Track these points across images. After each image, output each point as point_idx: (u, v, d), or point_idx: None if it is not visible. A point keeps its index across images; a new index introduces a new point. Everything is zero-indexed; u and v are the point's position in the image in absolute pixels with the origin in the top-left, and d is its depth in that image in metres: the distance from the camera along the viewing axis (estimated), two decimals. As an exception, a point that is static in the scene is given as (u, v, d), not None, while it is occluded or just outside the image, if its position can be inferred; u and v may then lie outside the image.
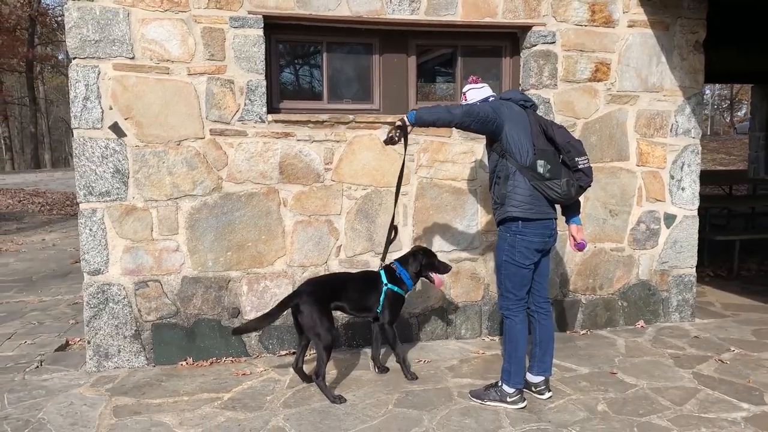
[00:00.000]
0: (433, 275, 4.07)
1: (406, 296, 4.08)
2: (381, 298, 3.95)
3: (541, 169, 3.40)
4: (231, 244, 4.33)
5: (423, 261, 4.04)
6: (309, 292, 3.75)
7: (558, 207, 3.59)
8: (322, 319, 3.68)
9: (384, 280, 3.98)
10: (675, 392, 3.78)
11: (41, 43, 28.66)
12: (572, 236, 3.67)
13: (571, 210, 3.65)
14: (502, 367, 3.64)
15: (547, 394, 3.72)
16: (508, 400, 3.59)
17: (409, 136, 4.42)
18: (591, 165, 3.46)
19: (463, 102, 3.71)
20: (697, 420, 3.41)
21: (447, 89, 5.10)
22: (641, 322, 5.09)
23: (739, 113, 42.21)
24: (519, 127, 3.44)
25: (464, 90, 3.75)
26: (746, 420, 3.41)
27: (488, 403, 3.63)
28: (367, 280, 4.02)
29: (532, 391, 3.73)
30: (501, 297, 3.65)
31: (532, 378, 3.73)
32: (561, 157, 3.43)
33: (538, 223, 3.46)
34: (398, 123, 3.59)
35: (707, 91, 44.10)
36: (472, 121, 3.40)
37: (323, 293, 3.77)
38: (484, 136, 3.64)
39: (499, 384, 3.64)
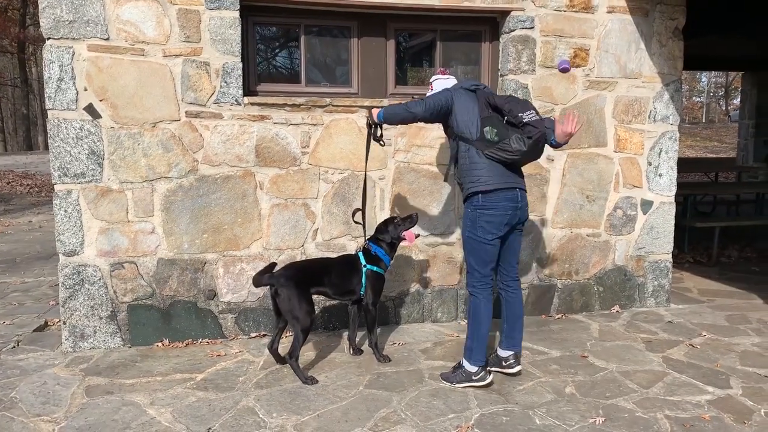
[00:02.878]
0: (404, 234, 4.07)
1: (385, 274, 4.10)
2: (362, 280, 3.97)
3: (488, 135, 3.45)
4: (207, 227, 4.35)
5: (390, 230, 4.05)
6: (288, 276, 3.77)
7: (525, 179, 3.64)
8: (301, 303, 3.71)
9: (363, 261, 4.00)
10: (643, 375, 3.83)
11: (33, 23, 28.39)
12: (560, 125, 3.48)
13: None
14: (465, 344, 3.71)
15: (516, 368, 3.77)
16: (474, 378, 3.64)
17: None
18: (541, 118, 3.44)
19: (430, 91, 3.81)
20: (662, 402, 3.47)
21: (426, 74, 5.09)
22: (617, 307, 5.14)
23: (734, 101, 42.19)
24: (466, 107, 3.53)
25: (431, 80, 3.85)
26: (710, 403, 3.46)
27: (457, 385, 3.68)
28: (347, 263, 4.03)
29: (502, 366, 3.78)
30: (467, 274, 3.70)
31: (501, 353, 3.81)
32: (506, 118, 3.47)
33: (500, 194, 3.49)
34: (368, 121, 3.82)
35: (704, 79, 44.12)
36: (431, 113, 3.56)
37: (303, 278, 3.80)
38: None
39: (462, 363, 3.70)
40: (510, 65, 4.70)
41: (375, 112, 3.77)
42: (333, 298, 4.11)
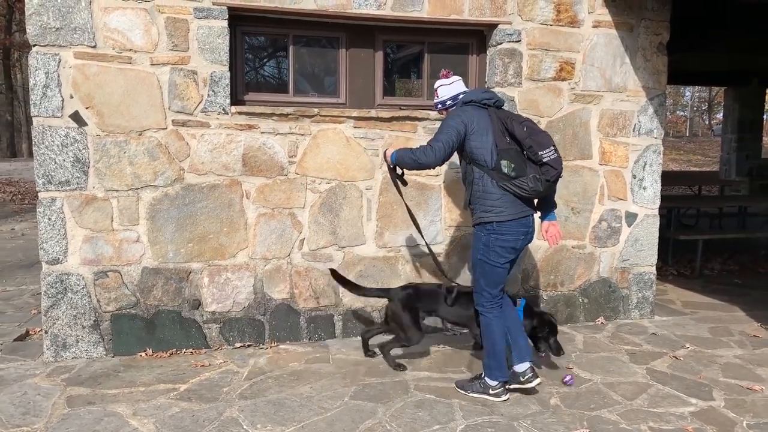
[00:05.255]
0: (543, 351, 4.00)
1: None
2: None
3: (505, 170, 3.43)
4: (192, 236, 4.32)
5: (544, 331, 3.94)
6: (402, 298, 4.08)
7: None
8: (410, 323, 4.02)
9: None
10: (627, 387, 3.85)
11: (19, 30, 28.19)
12: (545, 232, 3.68)
13: (545, 206, 3.67)
14: (483, 362, 3.70)
15: (535, 381, 3.64)
16: (491, 392, 3.64)
17: (374, 131, 4.51)
18: (559, 155, 3.41)
19: (435, 98, 3.76)
20: (645, 414, 3.48)
21: (414, 85, 5.13)
22: (601, 319, 5.17)
23: (717, 115, 42.82)
24: (480, 133, 3.48)
25: (435, 86, 3.77)
26: (693, 415, 3.49)
27: (472, 394, 3.69)
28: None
29: (521, 382, 3.65)
30: (476, 294, 3.70)
31: (516, 367, 3.68)
32: (525, 152, 3.46)
33: (514, 222, 3.49)
34: (387, 165, 3.88)
35: (687, 93, 44.71)
36: (446, 157, 3.53)
37: (415, 303, 4.07)
38: None
39: (482, 376, 3.70)
40: (497, 78, 4.74)
41: (388, 154, 3.77)
42: (447, 324, 4.22)
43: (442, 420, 3.39)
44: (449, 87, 3.71)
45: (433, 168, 3.61)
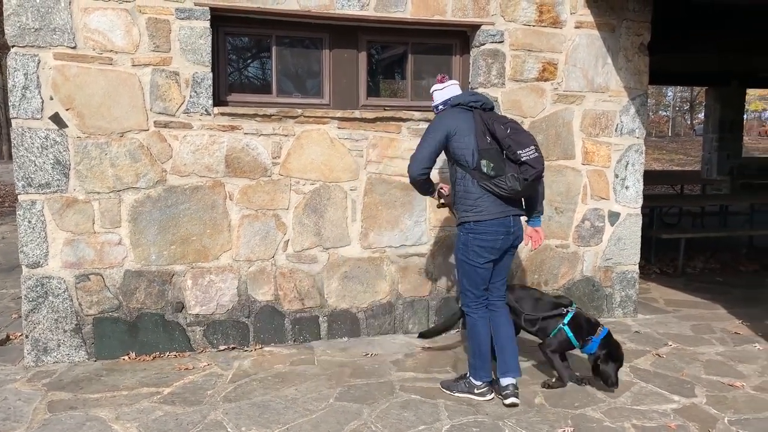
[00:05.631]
0: (592, 374, 3.80)
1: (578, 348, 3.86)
2: (554, 332, 3.84)
3: (485, 169, 3.44)
4: (175, 238, 4.29)
5: (601, 354, 3.74)
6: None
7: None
8: None
9: (565, 321, 3.83)
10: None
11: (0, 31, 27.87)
12: (528, 237, 3.72)
13: (530, 209, 3.67)
14: (468, 361, 3.72)
15: (510, 399, 3.55)
16: (476, 391, 3.65)
17: (358, 132, 4.51)
18: (540, 154, 3.40)
19: (432, 103, 3.78)
20: (629, 412, 3.51)
21: (398, 86, 5.13)
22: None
23: (699, 115, 43.29)
24: (463, 135, 3.49)
25: (431, 91, 3.78)
26: (676, 412, 3.52)
27: (457, 394, 3.70)
28: (553, 307, 3.91)
29: (500, 394, 3.61)
30: (461, 293, 3.72)
31: (500, 380, 3.63)
32: (504, 152, 3.47)
33: (494, 221, 3.50)
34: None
35: (669, 94, 45.16)
36: (431, 161, 3.57)
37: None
38: None
39: (467, 376, 3.71)
40: (480, 78, 4.75)
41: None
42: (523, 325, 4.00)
43: (427, 420, 3.39)
44: (442, 91, 3.71)
45: (423, 173, 3.59)
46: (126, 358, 4.26)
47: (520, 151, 3.38)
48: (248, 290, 4.47)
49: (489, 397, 3.64)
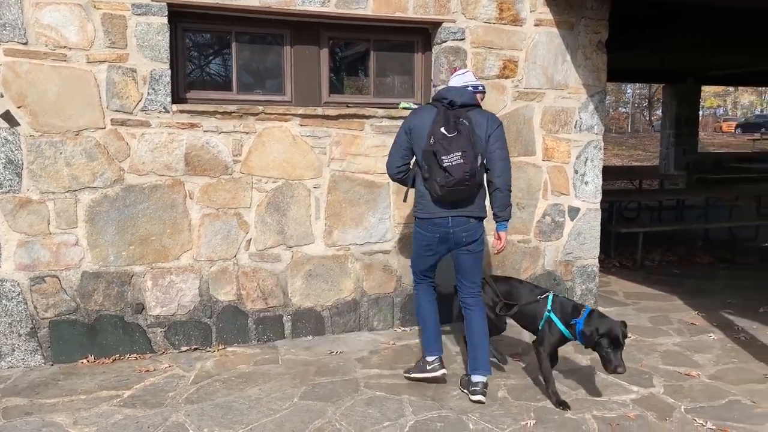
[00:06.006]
0: (602, 360, 3.46)
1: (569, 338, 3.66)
2: (542, 322, 3.70)
3: (423, 171, 3.51)
4: (134, 238, 4.21)
5: (601, 337, 3.40)
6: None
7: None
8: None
9: (549, 306, 3.69)
10: (572, 377, 3.94)
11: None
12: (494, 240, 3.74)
13: (494, 214, 3.63)
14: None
15: (476, 397, 3.55)
16: (428, 368, 3.77)
17: (321, 129, 4.50)
18: (468, 162, 3.34)
19: None
20: (590, 403, 3.58)
21: (362, 83, 5.11)
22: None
23: (657, 112, 44.26)
24: (418, 132, 3.52)
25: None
26: (635, 402, 3.60)
27: (414, 375, 3.83)
28: (534, 297, 3.81)
29: (468, 389, 3.62)
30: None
31: (471, 377, 3.64)
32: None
33: (428, 221, 3.59)
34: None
35: (629, 90, 46.10)
36: (402, 158, 3.64)
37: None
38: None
39: (424, 356, 3.84)
40: (442, 75, 4.77)
41: None
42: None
43: (392, 417, 3.40)
44: (453, 80, 3.86)
45: (398, 176, 3.69)
46: (84, 361, 4.16)
47: (444, 157, 3.35)
48: (210, 290, 4.41)
49: (438, 372, 3.75)
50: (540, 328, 3.71)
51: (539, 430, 3.26)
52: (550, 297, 3.75)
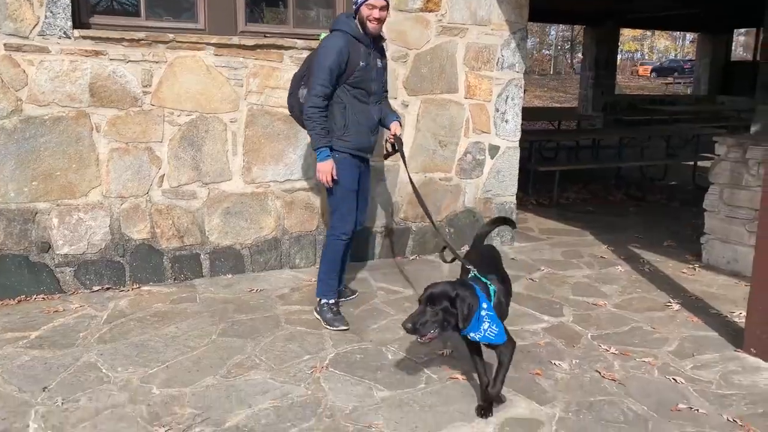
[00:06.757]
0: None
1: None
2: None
3: None
4: (36, 173, 3.95)
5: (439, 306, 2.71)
6: None
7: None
8: None
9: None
10: (488, 309, 4.07)
11: None
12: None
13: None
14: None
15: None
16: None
17: (237, 59, 4.30)
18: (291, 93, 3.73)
19: None
20: (503, 333, 3.71)
21: (280, 13, 4.90)
22: (466, 247, 5.38)
23: (579, 54, 45.12)
24: None
25: None
26: (545, 330, 3.77)
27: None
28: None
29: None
30: None
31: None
32: None
33: None
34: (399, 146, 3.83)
35: (552, 33, 46.69)
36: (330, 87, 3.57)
37: None
38: None
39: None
40: (364, 7, 4.62)
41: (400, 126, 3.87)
42: None
43: (312, 350, 3.42)
44: None
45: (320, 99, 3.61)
46: (-14, 303, 3.95)
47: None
48: (122, 228, 4.24)
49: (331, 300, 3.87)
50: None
51: (455, 358, 3.37)
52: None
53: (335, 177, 3.59)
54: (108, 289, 4.25)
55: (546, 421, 2.79)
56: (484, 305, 2.71)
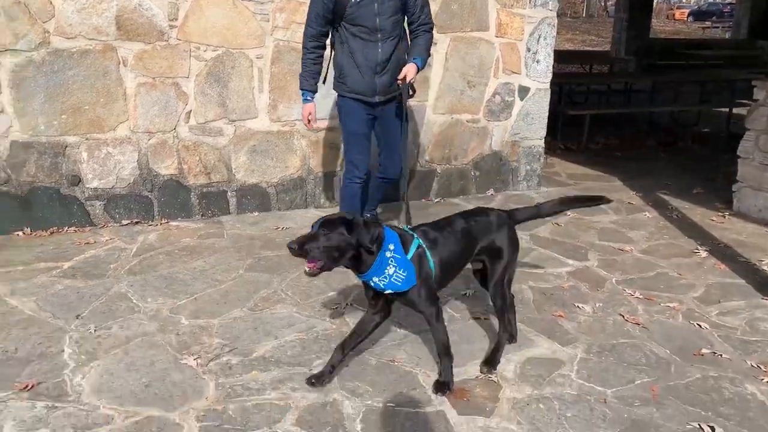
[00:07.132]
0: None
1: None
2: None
3: None
4: (65, 107, 3.97)
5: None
6: None
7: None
8: None
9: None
10: (512, 252, 4.06)
11: None
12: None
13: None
14: None
15: None
16: None
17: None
18: None
19: None
20: (527, 275, 3.72)
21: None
22: (491, 191, 5.36)
23: (612, -3, 43.40)
24: None
25: None
26: (570, 273, 3.76)
27: None
28: None
29: None
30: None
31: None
32: None
33: None
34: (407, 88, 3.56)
35: (586, -26, 44.83)
36: None
37: None
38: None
39: None
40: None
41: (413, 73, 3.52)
42: None
43: (336, 287, 3.47)
44: None
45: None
46: (20, 233, 4.04)
47: None
48: (150, 163, 4.27)
49: None
50: None
51: (478, 298, 3.39)
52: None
53: (315, 119, 3.68)
54: (137, 223, 4.32)
55: (567, 361, 2.82)
56: (391, 246, 2.39)
